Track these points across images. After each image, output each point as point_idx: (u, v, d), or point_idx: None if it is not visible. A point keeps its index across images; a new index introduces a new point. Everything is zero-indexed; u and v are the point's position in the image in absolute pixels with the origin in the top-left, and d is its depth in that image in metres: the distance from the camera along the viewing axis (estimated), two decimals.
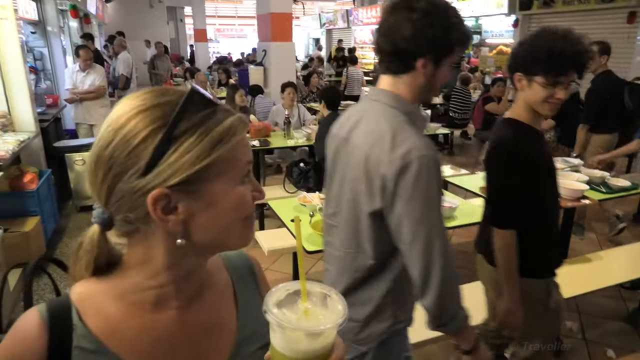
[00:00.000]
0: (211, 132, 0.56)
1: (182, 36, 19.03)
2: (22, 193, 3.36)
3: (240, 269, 0.78)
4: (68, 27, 7.26)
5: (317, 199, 2.54)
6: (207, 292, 0.69)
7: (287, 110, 4.80)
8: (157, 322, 0.63)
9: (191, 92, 0.57)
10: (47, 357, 0.58)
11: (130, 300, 0.62)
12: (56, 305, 0.61)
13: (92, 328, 0.60)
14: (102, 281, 0.64)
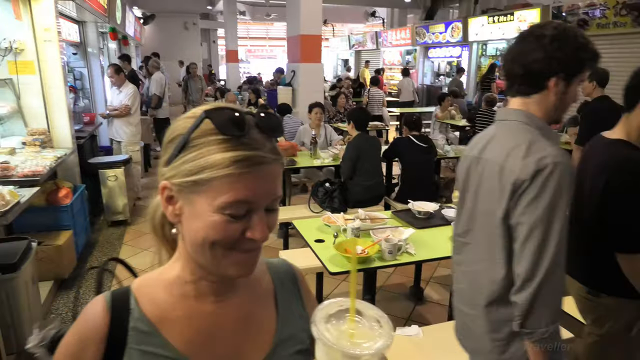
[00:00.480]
0: (208, 156, 0.60)
1: (214, 57, 19.60)
2: (56, 207, 3.47)
3: (283, 275, 0.81)
4: (107, 48, 7.59)
5: (341, 220, 2.53)
6: (246, 291, 0.74)
7: (313, 130, 4.83)
8: (198, 313, 0.69)
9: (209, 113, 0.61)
10: (107, 334, 0.66)
11: (176, 291, 0.69)
12: (118, 292, 0.70)
13: (146, 313, 0.68)
14: (157, 273, 0.72)
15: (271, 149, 0.62)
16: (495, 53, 11.61)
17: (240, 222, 0.61)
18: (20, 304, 2.45)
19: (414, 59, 14.77)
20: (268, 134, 0.63)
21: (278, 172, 0.64)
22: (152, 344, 0.66)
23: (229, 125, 0.60)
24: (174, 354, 0.66)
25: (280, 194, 0.65)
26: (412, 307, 3.18)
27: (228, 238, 0.61)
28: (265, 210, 0.63)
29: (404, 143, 4.01)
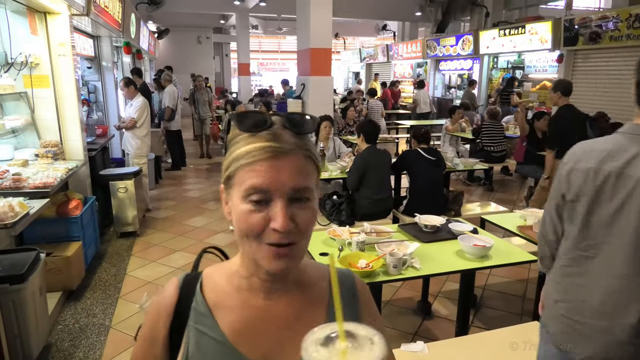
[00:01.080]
0: (235, 151, 0.68)
1: (226, 70, 19.84)
2: (66, 219, 3.51)
3: (344, 287, 0.80)
4: (121, 62, 7.72)
5: (346, 233, 2.51)
6: (298, 292, 0.77)
7: (322, 143, 4.84)
8: (249, 306, 0.75)
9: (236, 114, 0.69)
10: (174, 309, 0.76)
11: (233, 283, 0.77)
12: (190, 275, 0.80)
13: (206, 297, 0.76)
14: (226, 263, 0.81)
15: (294, 142, 0.67)
16: (507, 66, 11.58)
17: (263, 212, 0.66)
18: (27, 315, 2.47)
19: (424, 71, 14.79)
20: (293, 130, 0.68)
21: (300, 163, 0.67)
22: (206, 325, 0.74)
23: (249, 123, 0.67)
24: (221, 338, 0.73)
25: (307, 185, 0.67)
26: (420, 322, 3.13)
27: (253, 228, 0.66)
28: (290, 200, 0.66)
29: (412, 156, 4.00)
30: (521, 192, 6.62)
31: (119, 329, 3.02)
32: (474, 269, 2.37)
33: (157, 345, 0.78)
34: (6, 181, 3.08)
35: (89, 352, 2.76)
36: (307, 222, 0.68)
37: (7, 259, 2.55)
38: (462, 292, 2.64)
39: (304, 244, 0.71)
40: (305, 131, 0.70)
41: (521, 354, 1.98)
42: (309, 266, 0.83)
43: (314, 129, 0.72)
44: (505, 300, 3.47)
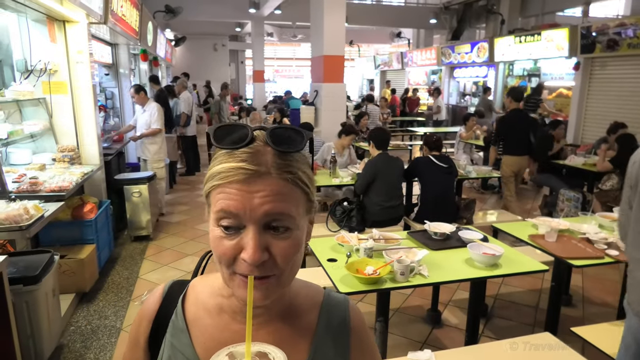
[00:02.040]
0: (212, 168, 0.62)
1: (241, 77, 20.06)
2: (81, 222, 3.58)
3: (334, 315, 0.75)
4: (138, 69, 7.87)
5: (355, 240, 2.51)
6: (281, 322, 0.71)
7: (333, 150, 4.85)
8: (226, 328, 0.70)
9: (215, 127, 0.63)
10: (154, 318, 0.74)
11: (215, 300, 0.72)
12: (177, 284, 0.77)
13: (186, 311, 0.73)
14: (213, 277, 0.74)
15: (274, 163, 0.59)
16: (523, 73, 11.48)
17: (235, 239, 0.60)
18: (40, 316, 2.52)
19: (439, 78, 14.74)
20: (275, 148, 0.60)
21: (279, 187, 0.59)
22: (181, 342, 0.70)
23: (226, 139, 0.61)
24: (193, 358, 0.69)
25: (283, 211, 0.59)
26: (429, 330, 3.10)
27: (225, 256, 0.60)
28: (265, 228, 0.59)
29: (423, 163, 3.98)
30: (535, 201, 6.53)
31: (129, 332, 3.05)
32: (484, 278, 2.34)
33: (138, 350, 0.76)
34: (23, 184, 3.15)
35: (100, 354, 2.80)
36: (285, 254, 0.61)
37: (22, 260, 2.60)
38: (472, 301, 2.61)
39: (285, 276, 0.63)
40: (291, 149, 0.61)
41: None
42: (302, 292, 0.76)
43: (301, 146, 0.62)
44: (517, 311, 3.42)
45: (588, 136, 8.39)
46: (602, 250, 2.57)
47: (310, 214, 0.68)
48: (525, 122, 5.17)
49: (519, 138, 5.07)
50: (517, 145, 5.08)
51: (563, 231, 2.90)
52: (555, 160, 5.67)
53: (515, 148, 5.10)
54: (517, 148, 5.09)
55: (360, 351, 0.76)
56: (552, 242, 2.72)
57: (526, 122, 5.17)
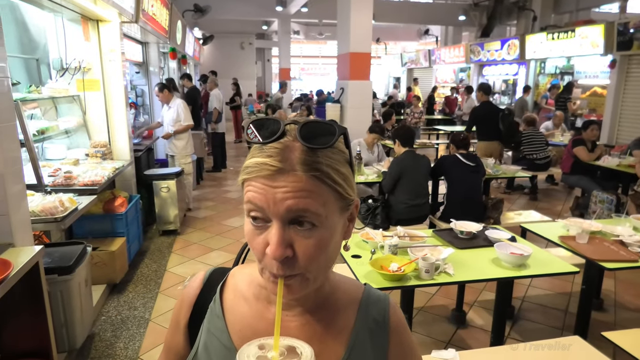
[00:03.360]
0: (246, 160, 0.63)
1: (267, 74, 20.21)
2: (112, 215, 3.68)
3: (372, 315, 0.74)
4: (167, 67, 8.03)
5: (379, 236, 2.50)
6: (318, 317, 0.71)
7: (359, 147, 4.84)
8: (261, 317, 0.71)
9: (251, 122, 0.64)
10: (194, 303, 0.76)
11: (253, 290, 0.73)
12: (218, 272, 0.79)
13: (224, 299, 0.75)
14: (252, 267, 0.74)
15: (301, 159, 0.58)
16: (555, 71, 11.17)
17: (263, 234, 0.60)
18: (73, 305, 2.61)
19: (467, 76, 14.49)
20: (303, 142, 0.59)
21: (303, 184, 0.58)
22: (217, 328, 0.72)
23: (255, 133, 0.61)
24: (230, 344, 0.70)
25: (307, 207, 0.58)
26: (454, 330, 3.06)
27: (255, 249, 0.62)
28: (290, 224, 0.59)
29: (450, 161, 3.93)
30: (566, 203, 6.36)
31: (157, 322, 3.13)
32: (511, 278, 2.30)
33: (179, 333, 0.79)
34: (59, 178, 3.27)
35: (129, 343, 2.88)
36: (308, 253, 0.60)
37: (57, 251, 2.70)
38: (498, 301, 2.57)
39: (311, 275, 0.62)
40: (320, 145, 0.59)
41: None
42: (341, 287, 0.75)
43: (332, 142, 0.60)
44: (546, 314, 3.34)
45: (623, 136, 8.10)
46: (636, 254, 2.49)
47: (348, 211, 0.66)
48: (495, 112, 6.11)
49: (488, 126, 6.06)
50: (487, 132, 6.09)
51: (595, 233, 2.82)
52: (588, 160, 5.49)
53: (486, 134, 6.11)
54: (487, 134, 6.09)
55: (400, 351, 0.75)
56: (583, 243, 2.65)
57: (495, 112, 6.11)
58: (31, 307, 2.12)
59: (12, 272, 1.76)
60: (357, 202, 0.68)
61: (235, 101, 11.35)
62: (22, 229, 2.19)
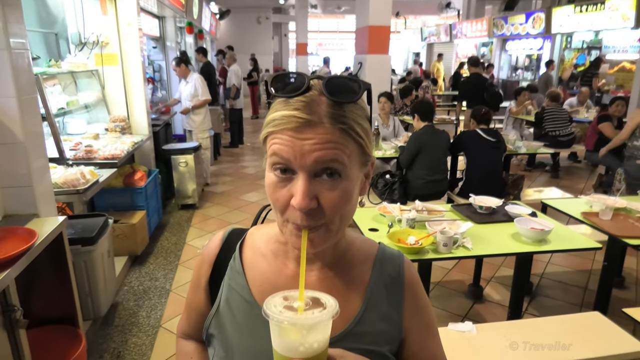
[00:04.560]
0: (269, 115, 0.64)
1: (284, 50, 19.99)
2: (132, 189, 3.74)
3: (387, 270, 0.76)
4: (184, 42, 8.01)
5: (397, 210, 2.49)
6: (335, 271, 0.74)
7: (376, 121, 4.79)
8: (279, 272, 0.74)
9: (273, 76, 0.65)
10: (214, 261, 0.79)
11: (271, 246, 0.76)
12: (236, 231, 0.83)
13: (243, 256, 0.78)
14: (269, 226, 0.79)
15: (328, 113, 0.59)
16: (582, 45, 10.78)
17: (287, 186, 0.61)
18: (96, 275, 2.68)
19: (489, 51, 14.11)
20: (331, 98, 0.60)
21: (330, 136, 0.59)
22: (237, 283, 0.76)
23: (282, 87, 0.62)
24: (250, 298, 0.74)
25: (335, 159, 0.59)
26: (470, 305, 3.06)
27: (278, 202, 0.63)
28: (315, 176, 0.60)
29: (470, 136, 3.86)
30: (589, 181, 6.22)
31: (178, 293, 3.20)
32: (531, 253, 2.27)
33: (200, 291, 0.81)
34: (80, 152, 3.33)
35: (151, 312, 2.96)
36: (333, 204, 0.61)
37: (80, 223, 2.77)
38: (517, 276, 2.55)
39: (334, 226, 0.64)
40: (345, 99, 0.61)
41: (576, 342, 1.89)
42: (356, 243, 0.78)
43: (357, 97, 0.62)
44: (565, 290, 3.31)
45: None
46: None
47: (366, 167, 0.68)
48: (482, 82, 7.01)
49: (476, 95, 6.84)
50: (475, 100, 6.67)
51: (619, 210, 2.75)
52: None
53: (473, 102, 6.61)
54: (475, 102, 6.45)
55: (414, 306, 0.76)
56: (606, 220, 2.59)
57: (482, 82, 7.01)
58: (57, 276, 2.19)
59: (37, 241, 1.80)
60: (374, 159, 0.70)
61: (253, 77, 11.29)
62: (46, 200, 2.24)
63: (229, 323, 0.74)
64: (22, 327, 1.68)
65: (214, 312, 0.77)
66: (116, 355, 2.53)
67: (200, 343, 0.88)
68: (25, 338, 1.71)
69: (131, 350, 2.57)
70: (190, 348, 0.89)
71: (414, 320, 0.76)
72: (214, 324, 0.76)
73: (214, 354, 0.75)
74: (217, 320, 0.76)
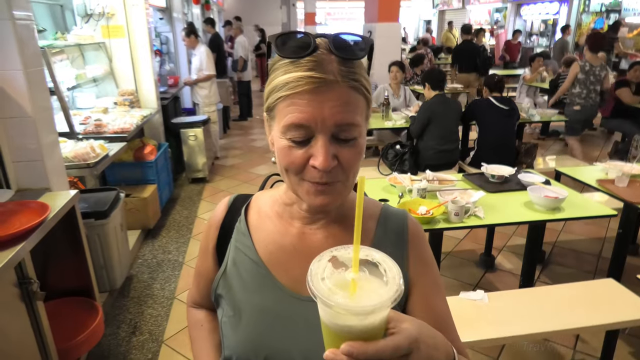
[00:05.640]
0: (275, 79, 0.63)
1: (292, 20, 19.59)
2: (142, 163, 3.75)
3: (391, 226, 0.77)
4: (191, 13, 7.87)
5: (407, 180, 2.46)
6: (340, 228, 0.75)
7: (386, 91, 4.70)
8: (284, 232, 0.76)
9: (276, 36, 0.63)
10: (221, 225, 0.82)
11: (275, 209, 0.78)
12: (241, 196, 0.85)
13: (249, 219, 0.80)
14: (273, 190, 0.82)
15: (340, 71, 0.59)
16: (600, 9, 10.39)
17: (304, 148, 0.62)
18: (110, 248, 2.72)
19: (503, 17, 13.69)
20: (339, 56, 0.60)
21: (346, 96, 0.60)
22: (244, 244, 0.78)
23: (290, 48, 0.61)
24: (256, 258, 0.76)
25: (352, 121, 0.61)
26: (482, 274, 3.06)
27: (293, 164, 0.63)
28: (333, 137, 0.61)
29: (482, 105, 3.77)
30: (604, 149, 6.10)
31: (190, 265, 3.25)
32: (544, 221, 2.25)
33: (208, 256, 0.83)
34: (89, 126, 3.32)
35: (165, 284, 3.01)
36: (352, 161, 0.63)
37: (92, 197, 2.79)
38: (529, 244, 2.52)
39: (350, 181, 0.66)
40: (355, 56, 0.61)
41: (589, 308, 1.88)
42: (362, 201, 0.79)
43: (364, 53, 0.62)
44: (578, 259, 3.29)
45: None
46: None
47: (368, 117, 0.69)
48: (473, 49, 7.50)
49: (468, 61, 7.45)
50: (467, 66, 7.45)
51: (636, 176, 2.69)
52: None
53: (466, 68, 7.46)
54: (467, 67, 7.46)
55: (418, 261, 0.76)
56: (622, 187, 2.54)
57: (473, 49, 7.50)
58: (71, 249, 2.22)
59: (50, 215, 1.82)
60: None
61: (261, 48, 11.12)
62: (57, 174, 2.26)
63: (236, 283, 0.76)
64: (39, 299, 1.71)
65: (222, 273, 0.78)
66: (133, 325, 2.60)
67: (211, 311, 0.89)
68: (43, 309, 1.75)
69: (147, 321, 2.63)
70: (200, 316, 0.91)
71: (419, 275, 0.75)
72: (222, 284, 0.78)
73: (223, 314, 0.76)
74: (225, 281, 0.77)
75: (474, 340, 1.69)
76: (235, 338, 0.73)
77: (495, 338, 1.71)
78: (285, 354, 0.69)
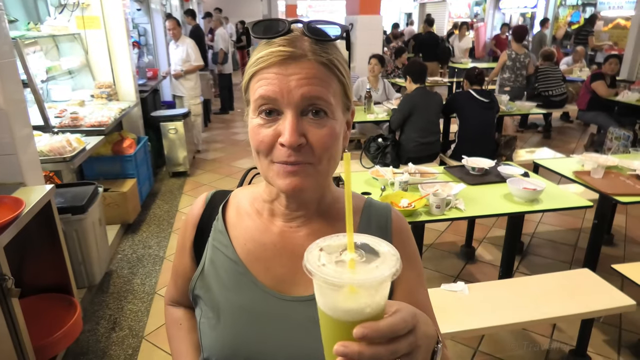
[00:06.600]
0: (251, 56, 0.64)
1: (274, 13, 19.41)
2: (121, 157, 3.68)
3: (374, 217, 0.76)
4: (170, 4, 7.72)
5: (389, 174, 2.47)
6: (322, 224, 0.73)
7: (369, 84, 4.70)
8: (265, 230, 0.74)
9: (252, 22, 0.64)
10: (198, 222, 0.79)
11: (256, 206, 0.76)
12: (219, 193, 0.82)
13: (227, 216, 0.78)
14: (253, 186, 0.80)
15: (311, 48, 0.60)
16: (577, 2, 10.58)
17: (273, 126, 0.61)
18: (89, 243, 2.67)
19: (482, 10, 13.82)
20: (309, 36, 0.61)
21: (315, 70, 0.60)
22: (222, 243, 0.75)
23: (262, 29, 0.63)
24: (234, 257, 0.73)
25: (321, 95, 0.60)
26: (462, 265, 3.11)
27: (263, 144, 0.62)
28: (303, 113, 0.60)
29: (462, 97, 3.81)
30: (581, 141, 6.23)
31: (171, 260, 3.21)
32: (522, 212, 2.28)
33: (185, 254, 0.81)
34: (65, 119, 3.24)
35: (146, 279, 2.97)
36: (321, 141, 0.61)
37: (69, 191, 2.73)
38: (508, 235, 2.57)
39: (322, 166, 0.63)
40: (327, 37, 0.62)
41: (565, 298, 1.93)
42: (342, 198, 0.75)
43: (338, 37, 0.63)
44: (555, 249, 3.36)
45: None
46: None
47: (348, 114, 0.68)
48: (435, 39, 8.39)
49: (429, 50, 8.26)
50: (429, 55, 8.15)
51: (611, 168, 2.76)
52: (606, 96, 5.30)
53: (428, 57, 8.12)
54: (429, 57, 8.11)
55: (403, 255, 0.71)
56: (598, 178, 2.60)
57: (435, 39, 8.39)
58: (48, 245, 2.17)
59: (25, 210, 1.77)
60: (354, 108, 0.71)
61: (243, 41, 11.00)
62: (32, 169, 2.20)
63: (214, 283, 0.74)
64: (14, 295, 1.67)
65: (199, 273, 0.76)
66: (113, 321, 2.56)
67: (189, 309, 0.87)
68: (18, 306, 1.70)
69: (127, 317, 2.60)
70: (179, 314, 0.89)
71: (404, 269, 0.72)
72: (199, 284, 0.76)
73: (201, 315, 0.75)
74: (203, 281, 0.76)
75: (455, 331, 1.71)
76: (213, 338, 0.71)
77: (475, 329, 1.74)
78: (267, 355, 0.68)
